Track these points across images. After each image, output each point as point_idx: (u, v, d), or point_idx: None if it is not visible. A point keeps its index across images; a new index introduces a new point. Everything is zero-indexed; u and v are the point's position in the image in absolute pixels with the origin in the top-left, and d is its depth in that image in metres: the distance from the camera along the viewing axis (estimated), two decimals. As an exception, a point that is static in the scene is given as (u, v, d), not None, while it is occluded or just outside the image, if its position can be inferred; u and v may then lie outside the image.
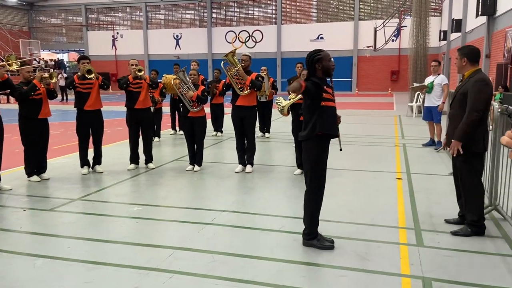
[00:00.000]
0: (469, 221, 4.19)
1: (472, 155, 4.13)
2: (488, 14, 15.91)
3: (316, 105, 3.79)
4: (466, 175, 4.19)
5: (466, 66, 4.24)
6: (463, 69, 4.28)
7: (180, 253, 3.85)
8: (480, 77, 4.11)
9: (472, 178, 4.17)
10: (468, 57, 4.23)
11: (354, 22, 31.61)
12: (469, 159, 4.14)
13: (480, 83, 4.06)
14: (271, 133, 10.74)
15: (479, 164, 4.22)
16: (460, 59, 4.26)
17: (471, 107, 4.03)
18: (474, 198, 4.18)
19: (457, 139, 4.09)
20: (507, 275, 3.41)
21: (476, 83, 4.06)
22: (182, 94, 6.86)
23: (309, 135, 3.81)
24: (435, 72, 8.80)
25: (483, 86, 4.04)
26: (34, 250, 3.96)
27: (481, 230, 4.18)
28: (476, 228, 4.17)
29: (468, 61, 4.23)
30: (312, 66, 3.81)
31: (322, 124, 3.77)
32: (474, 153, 4.13)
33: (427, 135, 9.32)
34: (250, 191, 5.88)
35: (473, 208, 4.17)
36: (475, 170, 4.18)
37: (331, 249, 3.88)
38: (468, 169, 4.16)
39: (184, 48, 35.02)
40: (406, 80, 21.46)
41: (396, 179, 6.38)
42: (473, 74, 4.18)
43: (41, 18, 38.79)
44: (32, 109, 6.24)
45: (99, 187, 6.17)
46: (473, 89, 4.05)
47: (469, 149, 4.09)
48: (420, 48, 15.38)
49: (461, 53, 4.27)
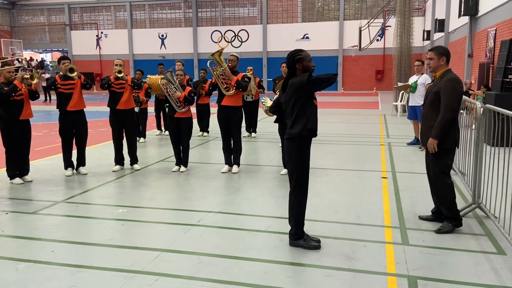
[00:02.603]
0: (447, 215, 4.31)
1: (443, 151, 4.25)
2: (470, 14, 16.15)
3: (310, 103, 3.82)
4: (436, 171, 4.32)
5: (443, 65, 4.33)
6: (439, 68, 4.36)
7: (166, 255, 3.81)
8: (452, 76, 4.22)
9: (443, 173, 4.29)
10: (447, 56, 4.34)
11: (339, 22, 31.80)
12: (440, 155, 4.26)
13: (452, 82, 4.16)
14: (258, 133, 10.73)
15: (449, 159, 4.35)
16: (438, 59, 4.34)
17: (446, 106, 4.13)
18: (446, 192, 4.30)
19: (434, 137, 4.19)
20: (491, 272, 3.47)
21: (449, 82, 4.16)
22: (170, 95, 6.81)
23: (301, 132, 3.81)
24: (418, 72, 8.90)
25: (456, 85, 4.16)
26: (16, 254, 3.89)
27: (459, 222, 4.31)
28: (454, 221, 4.29)
29: (446, 61, 4.33)
30: (292, 66, 3.83)
31: (313, 122, 3.81)
32: (446, 149, 4.25)
33: (411, 134, 9.42)
34: (237, 192, 5.87)
35: (447, 203, 4.29)
36: (446, 166, 4.31)
37: (317, 248, 3.89)
38: (438, 165, 4.29)
39: (169, 47, 34.80)
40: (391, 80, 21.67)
41: (381, 178, 6.43)
42: (444, 74, 4.29)
43: (23, 17, 38.13)
44: (13, 110, 6.12)
45: (83, 189, 6.08)
46: (446, 88, 4.15)
47: (442, 145, 4.22)
48: (404, 48, 15.56)
49: (439, 53, 4.35)
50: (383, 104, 19.97)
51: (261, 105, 6.48)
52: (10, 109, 6.11)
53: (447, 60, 4.34)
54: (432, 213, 4.62)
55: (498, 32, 13.17)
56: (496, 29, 13.37)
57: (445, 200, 4.31)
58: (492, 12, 14.01)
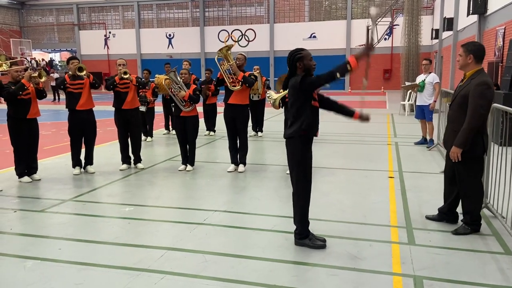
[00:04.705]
0: (467, 221, 4.19)
1: (471, 159, 4.01)
2: (479, 13, 15.99)
3: (308, 105, 3.79)
4: (465, 178, 4.10)
5: (471, 64, 4.00)
6: (467, 67, 4.03)
7: (171, 254, 3.83)
8: (482, 80, 3.88)
9: (472, 180, 4.09)
10: (475, 54, 3.97)
11: (347, 20, 31.68)
12: (469, 163, 4.02)
13: (481, 87, 3.84)
14: (264, 132, 10.73)
15: (479, 166, 4.11)
16: (465, 56, 4.00)
17: (473, 112, 3.83)
18: (474, 200, 4.14)
19: (458, 145, 3.94)
20: (497, 272, 3.44)
21: (477, 87, 3.84)
22: (174, 94, 6.84)
23: (295, 133, 3.81)
24: (426, 71, 8.85)
25: (485, 91, 3.83)
26: (24, 252, 3.93)
27: (478, 227, 4.20)
28: (474, 226, 4.18)
29: (474, 59, 3.98)
30: (293, 65, 3.82)
31: (308, 124, 3.78)
32: (474, 156, 4.01)
33: (419, 133, 9.36)
34: (243, 191, 5.88)
35: (472, 209, 4.15)
36: (475, 173, 4.09)
37: (323, 248, 3.88)
38: (468, 172, 4.07)
39: (176, 47, 34.90)
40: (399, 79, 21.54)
41: (388, 177, 6.40)
42: (475, 75, 3.96)
43: (32, 17, 38.46)
44: (20, 109, 6.18)
45: (90, 187, 6.13)
46: (474, 93, 3.84)
47: (468, 153, 3.96)
48: (412, 47, 15.45)
49: (467, 50, 3.99)
50: (391, 103, 19.86)
51: (268, 99, 6.51)
52: (18, 107, 6.17)
53: (475, 58, 3.96)
54: (439, 212, 4.53)
55: (507, 31, 13.04)
56: (505, 28, 13.23)
57: (472, 205, 4.11)
58: (501, 11, 13.87)
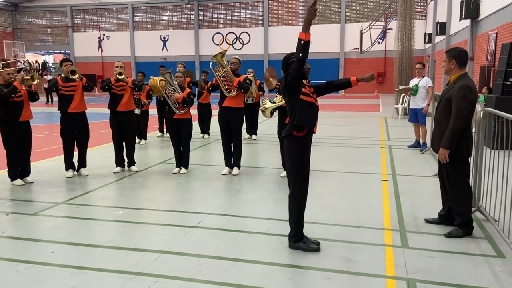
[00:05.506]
0: (459, 222, 4.23)
1: (457, 160, 4.16)
2: (471, 17, 16.16)
3: (295, 99, 3.81)
4: (453, 179, 4.22)
5: (454, 69, 4.20)
6: (451, 72, 4.24)
7: (165, 257, 3.82)
8: (464, 83, 4.06)
9: (460, 181, 4.20)
10: (457, 60, 4.18)
11: (341, 24, 31.85)
12: (456, 163, 4.17)
13: (464, 90, 4.02)
14: (258, 135, 10.74)
15: (466, 167, 4.24)
16: (448, 62, 4.22)
17: (456, 115, 4.02)
18: (463, 201, 4.21)
19: (445, 147, 4.10)
20: (490, 275, 3.46)
21: (460, 90, 4.03)
22: (168, 96, 6.83)
23: (290, 129, 3.82)
24: (419, 75, 8.91)
25: (467, 94, 4.02)
26: (17, 255, 3.90)
27: (470, 230, 4.25)
28: (466, 228, 4.23)
29: (457, 64, 4.18)
30: (287, 69, 3.85)
31: (300, 116, 3.77)
32: (459, 158, 4.16)
33: (412, 136, 9.42)
34: (237, 194, 5.88)
35: (462, 210, 4.21)
36: (462, 173, 4.21)
37: (317, 251, 3.89)
38: (455, 172, 4.20)
39: (171, 50, 34.88)
40: (392, 82, 21.66)
41: (382, 180, 6.43)
42: (458, 79, 4.16)
43: (25, 19, 38.26)
44: (12, 111, 6.14)
45: (84, 190, 6.10)
46: (457, 96, 4.03)
47: (454, 154, 4.12)
48: (405, 51, 15.55)
49: (449, 55, 4.22)
50: (384, 107, 19.97)
51: (261, 106, 6.51)
52: (10, 110, 6.12)
53: (458, 63, 4.17)
54: (439, 216, 4.58)
55: (499, 35, 13.18)
56: (497, 32, 13.37)
57: (461, 207, 4.20)
58: (493, 16, 14.02)
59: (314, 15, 3.55)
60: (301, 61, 3.61)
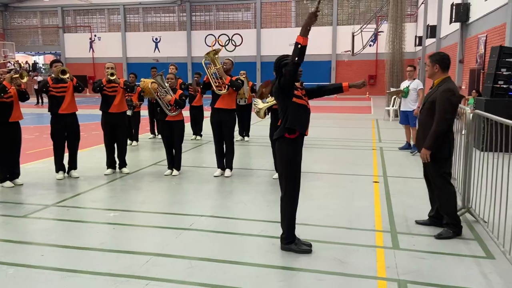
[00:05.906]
0: (447, 222, 4.30)
1: (439, 159, 4.26)
2: (461, 21, 16.33)
3: (288, 102, 3.82)
4: (436, 179, 4.32)
5: (438, 73, 4.32)
6: (434, 76, 4.36)
7: (157, 260, 3.81)
8: (447, 87, 4.19)
9: (443, 179, 4.30)
10: (440, 64, 4.30)
11: (333, 27, 32.03)
12: (437, 163, 4.27)
13: (447, 93, 4.15)
14: (250, 137, 10.74)
15: (447, 167, 4.37)
16: (432, 66, 4.33)
17: (440, 117, 4.13)
18: (446, 201, 4.30)
19: (427, 148, 4.21)
20: (480, 276, 3.50)
21: (443, 94, 4.15)
22: (160, 98, 6.81)
23: (282, 132, 3.83)
24: (410, 77, 8.98)
25: (450, 97, 4.14)
26: (6, 258, 3.86)
27: (459, 229, 4.31)
28: (455, 228, 4.29)
29: (440, 68, 4.30)
30: (280, 71, 3.87)
31: (292, 118, 3.79)
32: (440, 158, 4.26)
33: (403, 138, 9.48)
34: (229, 196, 5.87)
35: (448, 210, 4.29)
36: (444, 172, 4.31)
37: (308, 253, 3.90)
38: (437, 172, 4.30)
39: (163, 51, 34.78)
40: (383, 84, 21.80)
41: (373, 182, 6.47)
42: (441, 83, 4.28)
43: (16, 20, 37.94)
44: (2, 112, 6.07)
45: (74, 192, 6.05)
46: (441, 99, 4.15)
47: (436, 155, 4.23)
48: (396, 53, 15.68)
49: (433, 60, 4.33)
50: (376, 109, 20.08)
51: (253, 107, 6.52)
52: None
53: (441, 67, 4.29)
54: (429, 217, 4.63)
55: (489, 39, 13.33)
56: (487, 36, 13.53)
57: (446, 206, 4.30)
58: (483, 19, 14.18)
59: (314, 20, 3.55)
60: (296, 65, 3.62)
